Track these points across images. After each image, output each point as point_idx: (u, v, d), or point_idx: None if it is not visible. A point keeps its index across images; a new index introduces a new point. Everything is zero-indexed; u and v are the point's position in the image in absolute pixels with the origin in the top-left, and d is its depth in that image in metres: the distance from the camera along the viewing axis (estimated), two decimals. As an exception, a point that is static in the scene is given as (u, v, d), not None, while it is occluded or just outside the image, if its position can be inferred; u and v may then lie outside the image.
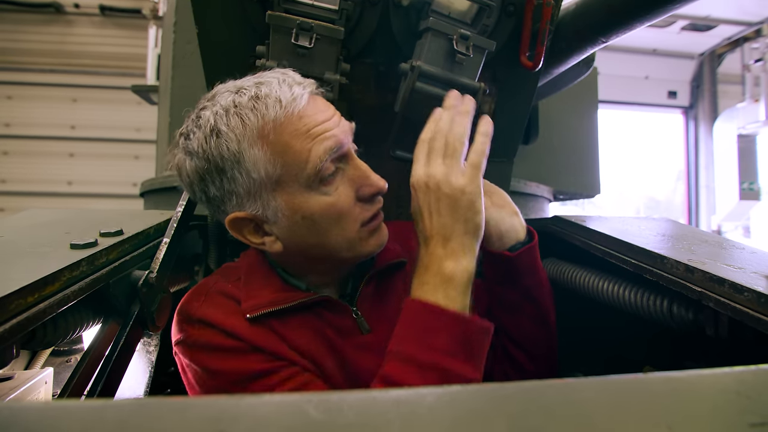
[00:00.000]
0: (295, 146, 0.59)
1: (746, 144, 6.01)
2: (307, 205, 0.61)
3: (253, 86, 0.61)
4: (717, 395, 0.26)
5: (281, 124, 0.59)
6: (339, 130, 0.62)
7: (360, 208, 0.65)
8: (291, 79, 0.62)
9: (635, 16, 0.81)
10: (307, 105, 0.61)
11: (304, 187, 0.61)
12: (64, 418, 0.22)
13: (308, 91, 0.62)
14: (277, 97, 0.59)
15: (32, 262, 0.54)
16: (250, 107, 0.59)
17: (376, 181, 0.65)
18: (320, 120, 0.61)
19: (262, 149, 0.59)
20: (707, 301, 0.59)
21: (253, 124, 0.58)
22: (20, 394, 0.69)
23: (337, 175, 0.63)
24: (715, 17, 5.66)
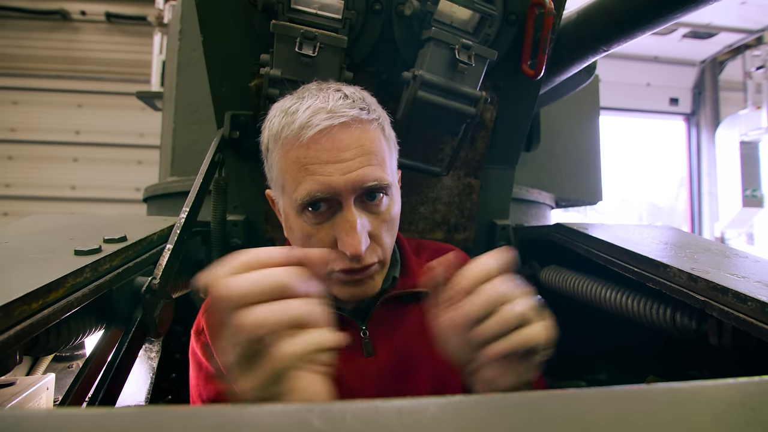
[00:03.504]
0: (292, 171, 0.60)
1: (749, 151, 5.99)
2: (292, 220, 0.63)
3: (297, 98, 0.62)
4: (721, 406, 0.26)
5: (290, 144, 0.59)
6: (342, 177, 0.58)
7: (337, 255, 0.61)
8: (326, 104, 0.59)
9: (637, 24, 0.81)
10: (321, 136, 0.57)
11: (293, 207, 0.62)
12: (67, 426, 0.22)
13: (331, 123, 0.57)
14: (295, 119, 0.58)
15: (36, 269, 0.54)
16: (281, 115, 0.61)
17: (349, 245, 0.58)
18: (323, 159, 0.58)
19: (277, 154, 0.62)
20: (711, 310, 0.59)
21: (276, 131, 0.61)
22: (22, 400, 0.69)
23: (328, 213, 0.61)
24: (717, 25, 5.68)
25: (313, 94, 0.61)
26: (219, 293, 0.39)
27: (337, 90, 0.62)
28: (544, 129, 1.55)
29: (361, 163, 0.59)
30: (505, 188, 1.16)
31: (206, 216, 0.96)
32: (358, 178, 0.58)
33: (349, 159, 0.58)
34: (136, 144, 5.27)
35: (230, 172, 1.02)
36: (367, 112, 0.61)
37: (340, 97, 0.60)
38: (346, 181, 0.58)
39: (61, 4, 5.17)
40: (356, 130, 0.59)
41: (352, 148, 0.59)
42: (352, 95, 0.62)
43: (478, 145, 1.06)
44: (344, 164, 0.58)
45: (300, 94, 0.63)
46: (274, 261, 0.41)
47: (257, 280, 0.39)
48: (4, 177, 5.21)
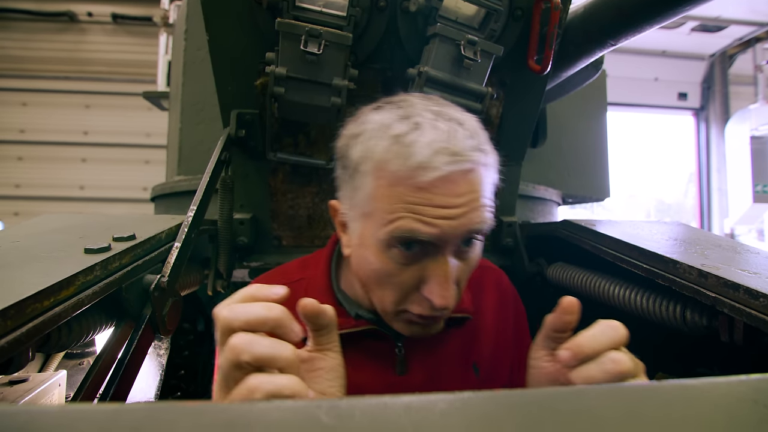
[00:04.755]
0: (392, 204, 0.53)
1: (759, 145, 5.90)
2: (372, 251, 0.58)
3: (411, 126, 0.53)
4: (733, 403, 0.26)
5: (399, 181, 0.53)
6: (451, 222, 0.52)
7: (417, 298, 0.58)
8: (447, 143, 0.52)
9: (645, 18, 0.80)
10: (439, 182, 0.51)
11: (377, 239, 0.56)
12: (80, 422, 0.22)
13: (456, 168, 0.51)
14: (411, 153, 0.51)
15: (47, 267, 0.55)
16: (389, 142, 0.53)
17: (440, 296, 0.55)
18: (435, 202, 0.52)
19: (373, 180, 0.55)
20: (722, 306, 0.58)
21: (378, 159, 0.54)
22: (35, 397, 0.70)
23: (419, 255, 0.56)
24: (726, 18, 5.59)
25: (429, 122, 0.53)
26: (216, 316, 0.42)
27: (459, 123, 0.55)
28: (551, 125, 1.54)
29: (473, 208, 0.54)
30: (511, 185, 1.15)
31: (213, 214, 0.96)
32: (467, 224, 0.53)
33: (462, 205, 0.53)
34: (143, 144, 5.32)
35: (237, 171, 1.02)
36: (485, 154, 0.55)
37: (466, 136, 0.53)
38: (454, 228, 0.53)
39: (67, 5, 5.21)
40: (475, 175, 0.54)
41: (468, 193, 0.53)
42: (474, 131, 0.56)
43: (484, 142, 1.05)
44: (456, 210, 0.53)
45: (407, 113, 0.55)
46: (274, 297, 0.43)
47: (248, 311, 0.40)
48: (14, 177, 5.28)
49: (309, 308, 0.44)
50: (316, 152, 1.01)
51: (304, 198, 1.06)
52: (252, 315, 0.40)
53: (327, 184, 1.05)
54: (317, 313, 0.45)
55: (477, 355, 0.73)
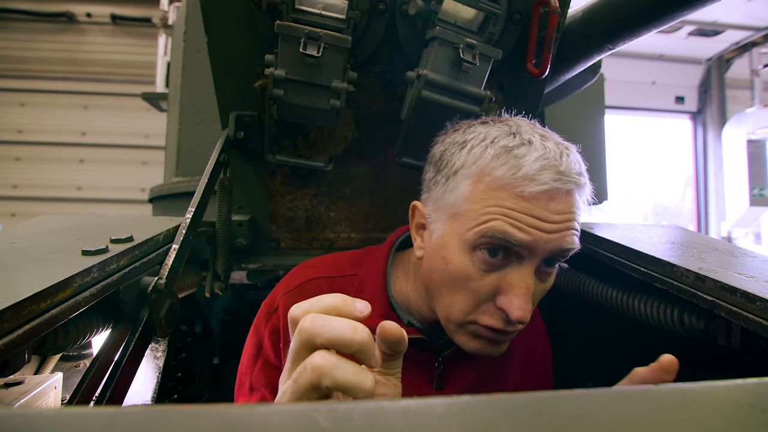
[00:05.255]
0: (488, 208, 0.55)
1: (756, 149, 5.93)
2: (453, 252, 0.58)
3: (522, 141, 0.56)
4: (731, 407, 0.26)
5: (502, 187, 0.55)
6: (545, 235, 0.54)
7: (489, 308, 0.58)
8: (558, 162, 0.54)
9: (642, 23, 0.81)
10: (542, 195, 0.54)
11: (463, 239, 0.57)
12: (76, 425, 0.22)
13: (559, 186, 0.54)
14: (521, 164, 0.54)
15: (44, 268, 0.54)
16: (497, 151, 0.56)
17: (517, 308, 0.54)
18: (534, 214, 0.54)
19: (471, 186, 0.57)
20: (719, 310, 0.59)
21: (484, 166, 0.56)
22: (30, 399, 0.69)
23: (502, 263, 0.56)
24: (723, 22, 5.63)
25: (538, 141, 0.56)
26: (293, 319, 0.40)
27: (566, 148, 0.58)
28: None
29: (567, 227, 0.56)
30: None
31: (211, 216, 0.96)
32: (559, 241, 0.55)
33: (558, 222, 0.55)
34: (141, 145, 5.31)
35: (235, 173, 1.02)
36: (585, 180, 0.58)
37: (573, 160, 0.57)
38: (546, 242, 0.54)
39: (66, 6, 5.21)
40: (573, 198, 0.57)
41: (565, 213, 0.55)
42: (575, 153, 0.59)
43: (482, 145, 1.05)
44: (552, 225, 0.54)
45: (517, 131, 0.58)
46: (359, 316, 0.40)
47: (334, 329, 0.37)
48: (11, 178, 5.26)
49: (392, 333, 0.40)
50: (314, 154, 1.01)
51: (302, 200, 1.06)
52: (338, 334, 0.37)
53: (326, 186, 1.05)
54: (399, 339, 0.41)
55: (506, 380, 0.74)
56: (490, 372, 0.73)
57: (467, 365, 0.70)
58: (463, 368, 0.70)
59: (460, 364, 0.70)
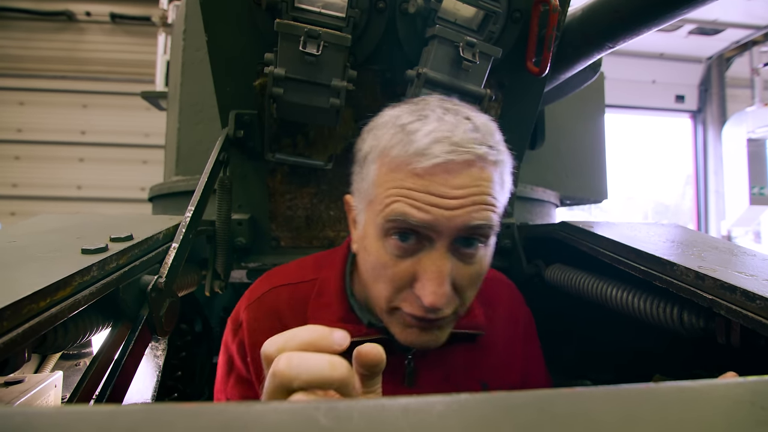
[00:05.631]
0: (390, 190, 0.53)
1: (756, 148, 5.94)
2: (371, 241, 0.58)
3: (418, 116, 0.54)
4: (731, 405, 0.26)
5: (398, 167, 0.53)
6: (446, 212, 0.51)
7: (409, 295, 0.56)
8: (451, 134, 0.52)
9: (642, 21, 0.80)
10: (436, 168, 0.51)
11: (376, 226, 0.56)
12: (76, 423, 0.22)
13: (452, 158, 0.51)
14: (412, 140, 0.52)
15: (44, 267, 0.54)
16: (394, 131, 0.55)
17: (429, 293, 0.52)
18: (431, 190, 0.51)
19: (376, 169, 0.56)
20: (718, 308, 0.59)
21: (383, 146, 0.55)
22: (30, 398, 0.69)
23: (415, 247, 0.54)
24: (723, 21, 5.63)
25: (437, 114, 0.54)
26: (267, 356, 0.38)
27: (467, 118, 0.55)
28: (549, 127, 1.55)
29: (473, 202, 0.52)
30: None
31: (211, 215, 0.96)
32: (464, 217, 0.52)
33: (460, 197, 0.52)
34: (141, 144, 5.30)
35: (235, 171, 1.02)
36: (495, 152, 0.54)
37: (471, 129, 0.53)
38: (449, 219, 0.51)
39: (66, 5, 5.20)
40: (477, 170, 0.53)
41: (468, 188, 0.52)
42: (482, 127, 0.55)
43: (482, 144, 1.05)
44: (453, 201, 0.51)
45: (421, 109, 0.56)
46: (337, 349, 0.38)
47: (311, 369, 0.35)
48: (10, 177, 5.26)
49: (369, 358, 0.38)
50: (314, 153, 1.01)
51: (302, 199, 1.06)
52: (315, 375, 0.34)
53: (325, 185, 1.05)
54: (378, 362, 0.39)
55: (485, 372, 0.72)
56: (470, 364, 0.71)
57: (439, 359, 0.68)
58: (434, 363, 0.69)
59: (431, 359, 0.68)
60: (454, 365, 0.70)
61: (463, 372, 0.70)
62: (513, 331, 0.78)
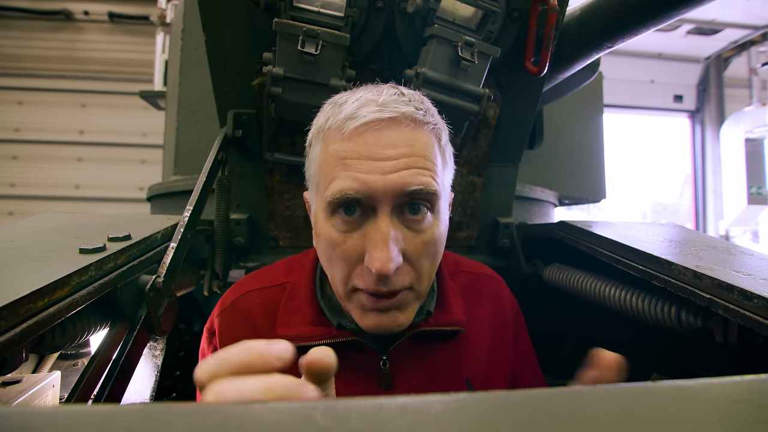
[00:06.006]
0: (329, 167, 0.54)
1: (754, 148, 5.95)
2: (321, 224, 0.57)
3: (351, 94, 0.57)
4: (728, 404, 0.26)
5: (332, 137, 0.54)
6: (381, 176, 0.51)
7: (362, 270, 0.54)
8: (377, 98, 0.53)
9: (641, 21, 0.81)
10: (366, 130, 0.52)
11: (323, 207, 0.56)
12: (74, 423, 0.22)
13: (378, 116, 0.51)
14: (342, 110, 0.54)
15: (42, 267, 0.54)
16: (329, 107, 0.58)
17: (376, 259, 0.51)
18: (363, 154, 0.51)
19: (319, 148, 0.57)
20: (716, 308, 0.59)
21: (321, 124, 0.58)
22: (28, 398, 0.69)
23: (360, 219, 0.54)
24: (721, 21, 5.64)
25: (367, 89, 0.57)
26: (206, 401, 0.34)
27: (394, 87, 0.57)
28: (548, 127, 1.55)
29: (407, 164, 0.52)
30: (508, 186, 1.15)
31: (209, 215, 0.96)
32: (400, 180, 0.51)
33: (393, 158, 0.51)
34: (139, 143, 5.29)
35: (233, 171, 1.02)
36: (423, 113, 0.54)
37: (395, 93, 0.55)
38: (385, 183, 0.51)
39: (64, 4, 5.18)
40: (407, 128, 0.53)
41: (399, 147, 0.52)
42: (409, 94, 0.56)
43: (481, 143, 1.06)
44: (387, 163, 0.51)
45: (354, 90, 0.59)
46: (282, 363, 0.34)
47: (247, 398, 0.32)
48: (8, 177, 5.24)
49: (317, 365, 0.36)
50: (313, 153, 1.00)
51: (300, 198, 1.05)
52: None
53: (324, 185, 1.05)
54: (327, 368, 0.36)
55: (471, 370, 0.69)
56: (452, 363, 0.68)
57: (419, 361, 0.66)
58: (413, 365, 0.66)
59: (409, 360, 0.65)
60: (435, 366, 0.67)
61: (445, 373, 0.67)
62: (501, 327, 0.74)
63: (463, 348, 0.69)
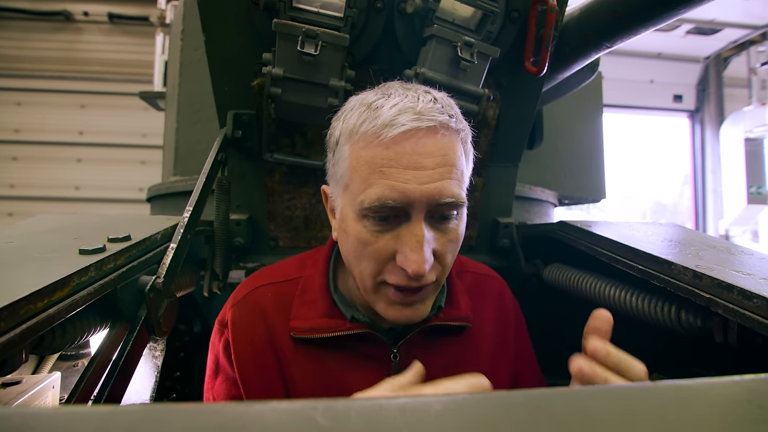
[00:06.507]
0: (363, 171, 0.55)
1: (753, 147, 5.96)
2: (350, 223, 0.59)
3: (383, 94, 0.58)
4: (727, 404, 0.26)
5: (367, 141, 0.55)
6: (419, 186, 0.53)
7: (393, 267, 0.57)
8: (414, 104, 0.55)
9: (640, 21, 0.81)
10: (404, 138, 0.53)
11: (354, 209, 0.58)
12: (74, 424, 0.22)
13: (417, 125, 0.53)
14: (378, 115, 0.55)
15: (42, 268, 0.54)
16: (362, 110, 0.57)
17: (413, 262, 0.54)
18: (402, 163, 0.53)
19: (348, 151, 0.58)
20: (716, 307, 0.59)
21: (352, 126, 0.57)
22: (28, 399, 0.69)
23: (393, 224, 0.57)
24: (721, 21, 5.65)
25: (399, 92, 0.57)
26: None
27: (427, 92, 0.58)
28: (547, 127, 1.55)
29: (441, 175, 0.54)
30: (508, 186, 1.15)
31: (209, 215, 0.96)
32: (435, 192, 0.54)
33: (430, 168, 0.54)
34: (139, 144, 5.29)
35: (233, 171, 1.02)
36: (455, 121, 0.57)
37: (430, 100, 0.56)
38: (422, 192, 0.54)
39: (63, 5, 5.19)
40: (442, 138, 0.55)
41: (435, 156, 0.54)
42: (441, 100, 0.58)
43: (480, 143, 1.06)
44: (424, 173, 0.54)
45: (384, 90, 0.59)
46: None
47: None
48: (8, 178, 5.24)
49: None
50: (313, 153, 1.00)
51: (300, 199, 1.05)
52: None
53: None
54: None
55: (475, 366, 0.71)
56: (458, 358, 0.71)
57: (428, 354, 0.68)
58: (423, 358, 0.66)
59: (418, 353, 0.67)
60: (443, 359, 0.70)
61: (451, 367, 0.70)
62: (503, 326, 0.77)
63: (469, 344, 0.72)
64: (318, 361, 0.67)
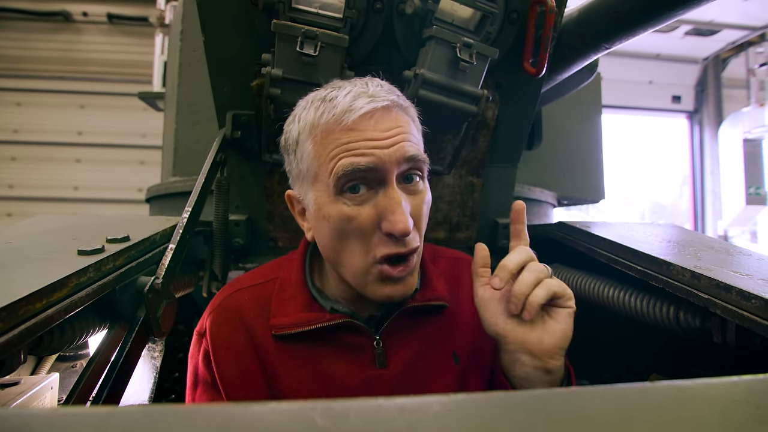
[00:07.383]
0: (331, 154, 0.59)
1: (752, 148, 5.97)
2: (328, 209, 0.61)
3: (332, 88, 0.63)
4: (726, 404, 0.26)
5: (330, 130, 0.60)
6: (385, 152, 0.59)
7: (379, 240, 0.60)
8: (366, 90, 0.61)
9: (639, 22, 0.81)
10: (363, 119, 0.59)
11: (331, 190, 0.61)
12: (72, 425, 0.22)
13: (374, 106, 0.59)
14: (336, 104, 0.59)
15: (40, 268, 0.54)
16: (316, 106, 0.62)
17: (397, 221, 0.57)
18: (366, 137, 0.59)
19: (311, 145, 0.61)
20: (714, 308, 0.59)
21: (311, 121, 0.61)
22: (26, 400, 0.69)
23: (368, 195, 0.60)
24: (719, 22, 5.66)
25: (347, 84, 0.63)
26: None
27: (371, 79, 0.64)
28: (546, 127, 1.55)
29: (402, 139, 0.60)
30: (507, 187, 1.15)
31: (208, 216, 0.96)
32: (400, 150, 0.59)
33: (391, 137, 0.60)
34: (138, 144, 5.29)
35: (232, 172, 1.02)
36: (402, 99, 0.64)
37: (377, 85, 0.63)
38: (389, 154, 0.59)
39: (62, 5, 5.18)
40: (397, 114, 0.62)
41: (394, 128, 0.60)
42: (386, 84, 0.64)
43: (479, 144, 1.06)
44: (387, 140, 0.59)
45: (332, 85, 0.64)
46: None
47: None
48: (7, 178, 5.23)
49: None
50: (312, 154, 1.00)
51: (300, 199, 1.05)
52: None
53: (323, 186, 1.05)
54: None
55: (456, 344, 0.74)
56: (439, 338, 0.73)
57: (409, 338, 0.71)
58: (405, 342, 0.71)
59: (400, 337, 0.70)
60: (424, 342, 0.72)
61: (433, 347, 0.72)
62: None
63: (449, 324, 0.75)
64: (302, 356, 0.68)
